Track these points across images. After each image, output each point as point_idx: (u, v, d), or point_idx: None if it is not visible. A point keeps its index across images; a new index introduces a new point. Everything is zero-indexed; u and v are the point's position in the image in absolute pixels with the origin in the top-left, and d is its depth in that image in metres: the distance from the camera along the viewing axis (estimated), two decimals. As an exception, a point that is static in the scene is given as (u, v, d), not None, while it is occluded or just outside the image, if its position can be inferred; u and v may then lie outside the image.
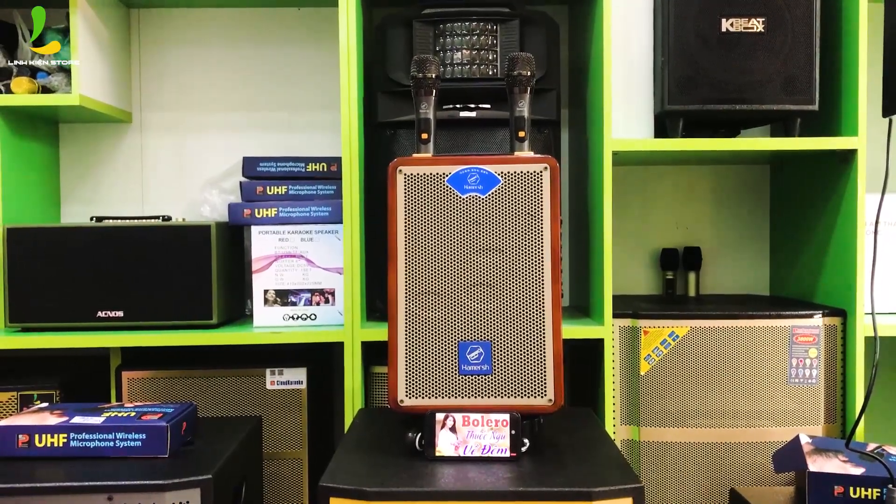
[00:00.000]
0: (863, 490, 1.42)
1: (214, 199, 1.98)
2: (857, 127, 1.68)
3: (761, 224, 2.14)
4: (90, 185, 2.09)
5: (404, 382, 1.30)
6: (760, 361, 1.69)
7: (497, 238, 1.31)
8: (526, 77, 1.37)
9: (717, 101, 1.68)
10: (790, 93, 1.68)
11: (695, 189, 2.14)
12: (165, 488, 1.22)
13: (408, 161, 1.33)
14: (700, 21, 1.68)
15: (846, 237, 1.71)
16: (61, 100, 1.80)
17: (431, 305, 1.31)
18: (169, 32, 2.09)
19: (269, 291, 1.77)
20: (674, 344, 1.70)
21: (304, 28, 2.09)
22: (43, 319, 1.71)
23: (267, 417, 1.73)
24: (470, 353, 1.30)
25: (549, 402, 1.29)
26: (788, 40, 1.67)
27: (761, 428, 1.69)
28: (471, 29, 1.71)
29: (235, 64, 2.09)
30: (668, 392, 1.70)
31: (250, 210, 1.77)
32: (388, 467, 1.23)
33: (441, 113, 1.68)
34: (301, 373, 1.75)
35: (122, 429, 1.34)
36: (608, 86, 1.68)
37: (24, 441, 1.34)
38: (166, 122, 2.10)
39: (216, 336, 1.69)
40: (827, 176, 1.80)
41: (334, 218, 1.76)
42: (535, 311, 1.30)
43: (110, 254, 1.71)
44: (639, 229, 2.13)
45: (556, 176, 1.31)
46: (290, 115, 2.10)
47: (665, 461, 1.70)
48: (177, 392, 1.74)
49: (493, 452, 1.25)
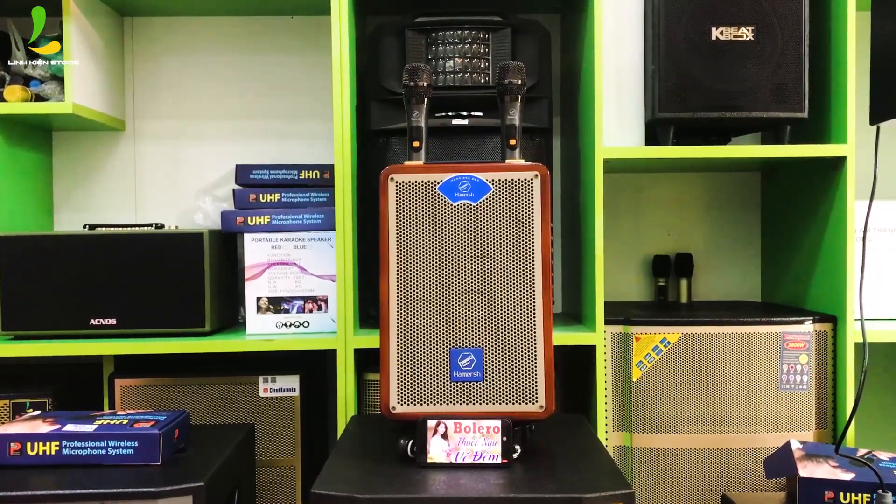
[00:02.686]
0: (853, 495, 1.43)
1: (207, 207, 1.99)
2: (846, 134, 1.69)
3: (752, 231, 2.15)
4: (83, 193, 2.09)
5: (396, 389, 1.31)
6: (752, 367, 1.70)
7: (488, 245, 1.31)
8: (517, 85, 1.38)
9: (707, 108, 1.69)
10: (780, 100, 1.69)
11: (686, 196, 2.15)
12: (158, 496, 1.23)
13: (400, 169, 1.34)
14: (690, 29, 1.69)
15: (836, 244, 1.73)
16: (54, 108, 1.80)
17: (423, 312, 1.31)
18: (162, 41, 2.10)
19: (261, 299, 1.77)
20: (665, 350, 1.70)
21: (297, 36, 2.10)
22: (36, 327, 1.71)
23: (260, 425, 1.73)
24: (461, 360, 1.30)
25: (540, 408, 1.29)
26: (778, 48, 1.69)
27: (753, 434, 1.70)
28: (463, 37, 1.72)
29: (229, 72, 2.10)
30: (659, 398, 1.70)
31: (243, 218, 1.78)
32: (380, 474, 1.23)
33: (433, 121, 1.69)
34: (294, 380, 1.75)
35: (115, 436, 1.35)
36: (599, 94, 1.69)
37: (15, 449, 1.34)
38: (159, 130, 2.10)
39: (209, 343, 1.69)
40: (817, 183, 1.81)
41: (327, 225, 1.76)
42: (527, 317, 1.30)
43: (103, 262, 1.71)
44: (630, 236, 2.14)
45: (546, 183, 1.31)
46: (283, 122, 2.10)
47: (657, 467, 1.71)
48: (169, 399, 1.74)
49: (484, 459, 1.25)
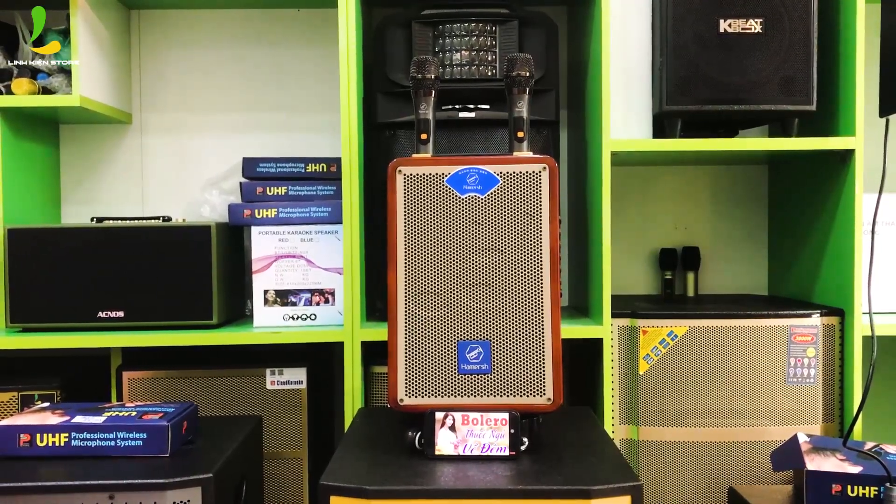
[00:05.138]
0: (860, 488, 1.42)
1: (214, 200, 1.99)
2: (854, 127, 1.68)
3: (759, 224, 2.15)
4: (90, 186, 2.09)
5: (404, 382, 1.31)
6: (759, 361, 1.70)
7: (496, 238, 1.31)
8: (525, 78, 1.37)
9: (715, 101, 1.69)
10: (788, 93, 1.68)
11: (693, 189, 2.14)
12: (167, 487, 1.23)
13: (407, 161, 1.34)
14: (698, 22, 1.68)
15: (844, 237, 1.72)
16: (62, 101, 1.80)
17: (431, 305, 1.31)
18: (169, 34, 2.10)
19: (269, 291, 1.77)
20: (672, 343, 1.70)
21: (303, 29, 2.10)
22: (44, 320, 1.72)
23: (267, 417, 1.74)
24: (469, 353, 1.30)
25: (548, 401, 1.29)
26: (786, 41, 1.68)
27: (759, 427, 1.70)
28: (470, 30, 1.72)
29: (235, 65, 2.10)
30: (666, 391, 1.70)
31: (250, 210, 1.78)
32: (388, 466, 1.23)
33: (440, 114, 1.69)
34: (301, 373, 1.76)
35: (124, 428, 1.35)
36: (607, 86, 1.69)
37: (25, 440, 1.35)
38: (166, 122, 2.10)
39: (216, 336, 1.70)
40: (825, 176, 1.81)
41: (334, 218, 1.76)
42: (535, 310, 1.30)
43: (111, 254, 1.71)
44: (637, 229, 2.14)
45: (554, 176, 1.31)
46: (289, 115, 2.10)
47: (664, 460, 1.71)
48: (177, 392, 1.74)
49: (492, 451, 1.26)
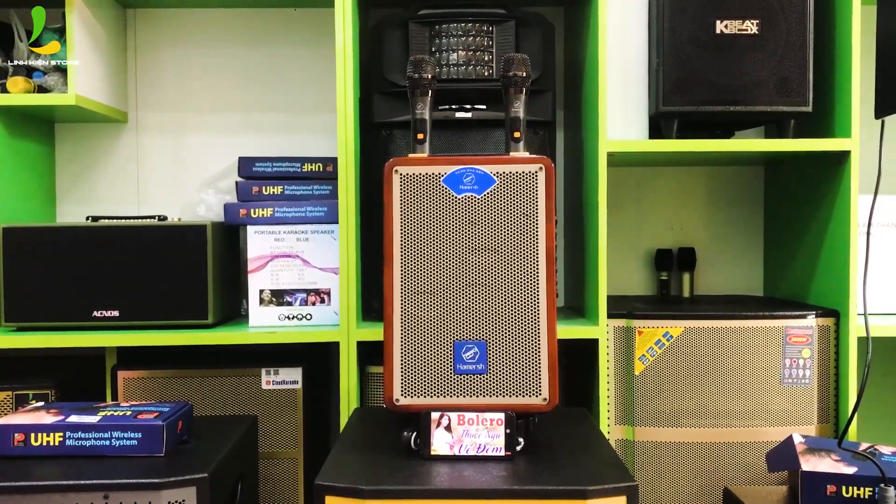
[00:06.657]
0: (855, 489, 1.43)
1: (210, 199, 1.98)
2: (850, 128, 1.68)
3: (755, 225, 2.15)
4: (86, 185, 2.09)
5: (400, 382, 1.31)
6: (754, 362, 1.70)
7: (492, 238, 1.31)
8: (521, 78, 1.37)
9: (711, 102, 1.69)
10: (784, 94, 1.69)
11: (689, 190, 2.14)
12: (162, 486, 1.23)
13: (404, 161, 1.33)
14: (695, 23, 1.69)
15: (839, 238, 1.72)
16: (57, 99, 1.80)
17: (427, 305, 1.31)
18: (165, 32, 2.09)
19: (264, 291, 1.77)
20: (668, 344, 1.70)
21: (300, 29, 2.09)
22: (39, 319, 1.71)
23: (263, 417, 1.73)
24: (465, 353, 1.30)
25: (543, 401, 1.29)
26: (782, 42, 1.68)
27: (755, 428, 1.70)
28: (466, 30, 1.72)
29: (232, 64, 2.10)
30: (662, 392, 1.71)
31: (246, 210, 1.77)
32: (383, 466, 1.23)
33: (437, 114, 1.69)
34: (297, 372, 1.76)
35: (119, 428, 1.35)
36: (603, 87, 1.69)
37: (19, 440, 1.34)
38: (162, 122, 2.10)
39: (212, 336, 1.70)
40: (820, 177, 1.81)
41: (330, 218, 1.76)
42: (531, 310, 1.30)
43: (106, 253, 1.71)
44: (633, 230, 2.14)
45: (551, 176, 1.31)
46: (286, 115, 2.10)
47: (659, 461, 1.71)
48: (172, 391, 1.74)
49: (488, 451, 1.26)
